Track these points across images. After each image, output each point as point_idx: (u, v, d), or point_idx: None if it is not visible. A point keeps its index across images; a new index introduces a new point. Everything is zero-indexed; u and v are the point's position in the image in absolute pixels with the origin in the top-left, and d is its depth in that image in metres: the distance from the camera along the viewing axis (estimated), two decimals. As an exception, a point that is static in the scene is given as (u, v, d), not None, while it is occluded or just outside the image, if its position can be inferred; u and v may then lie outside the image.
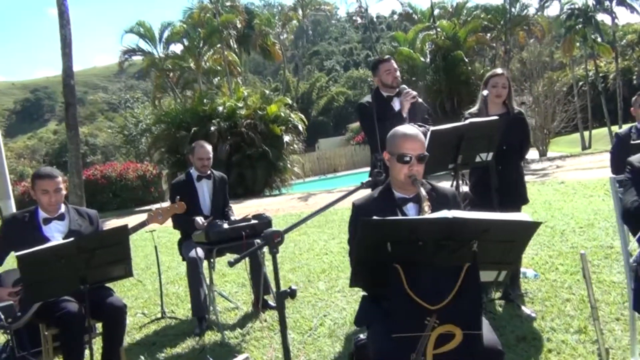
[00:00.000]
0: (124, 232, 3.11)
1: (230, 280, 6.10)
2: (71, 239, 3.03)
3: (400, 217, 2.10)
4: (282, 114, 20.06)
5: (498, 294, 4.36)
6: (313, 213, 2.16)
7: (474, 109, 4.46)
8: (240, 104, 20.07)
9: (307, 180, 27.10)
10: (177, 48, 24.70)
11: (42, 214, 3.59)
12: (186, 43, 23.82)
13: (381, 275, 1.97)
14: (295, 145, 20.96)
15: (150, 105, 34.14)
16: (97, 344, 3.76)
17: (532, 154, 22.44)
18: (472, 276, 1.93)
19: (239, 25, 24.13)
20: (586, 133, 31.09)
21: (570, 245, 5.65)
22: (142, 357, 4.08)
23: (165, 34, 23.53)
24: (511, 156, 4.31)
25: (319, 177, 30.97)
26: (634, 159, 2.88)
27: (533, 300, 4.26)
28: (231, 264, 2.03)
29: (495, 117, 3.88)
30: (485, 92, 4.22)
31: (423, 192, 2.43)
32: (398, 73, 4.66)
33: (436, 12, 21.81)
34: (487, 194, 4.16)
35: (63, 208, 3.65)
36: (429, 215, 1.98)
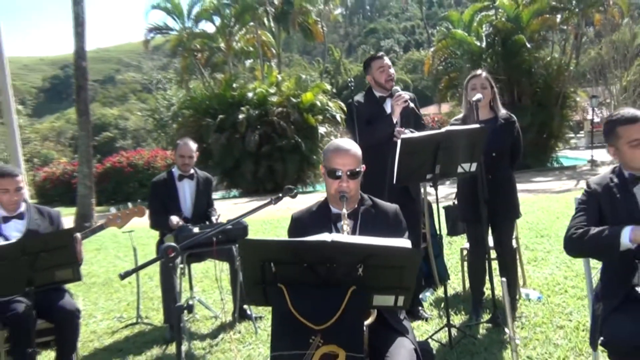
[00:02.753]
0: (68, 236, 3.46)
1: (224, 286, 6.44)
2: (14, 240, 3.40)
3: (278, 238, 2.34)
4: (319, 103, 20.37)
5: (487, 317, 4.53)
6: (216, 228, 2.42)
7: (460, 116, 4.61)
8: (272, 90, 20.51)
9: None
10: (207, 26, 25.34)
11: (2, 212, 3.99)
12: (217, 21, 24.42)
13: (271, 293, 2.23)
14: (332, 137, 21.26)
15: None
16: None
17: (604, 156, 21.95)
18: (358, 299, 2.17)
19: (276, 2, 24.56)
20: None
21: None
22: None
23: (195, 11, 24.22)
24: (502, 164, 4.45)
25: (363, 173, 30.94)
26: (593, 180, 3.00)
27: (524, 325, 4.40)
28: (122, 277, 2.33)
29: (476, 125, 4.03)
30: (478, 96, 4.34)
31: (344, 210, 2.67)
32: (392, 70, 4.85)
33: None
34: (477, 206, 4.33)
35: (23, 207, 4.04)
36: (310, 237, 2.21)
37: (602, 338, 2.68)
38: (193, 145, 5.33)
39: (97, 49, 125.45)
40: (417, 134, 4.04)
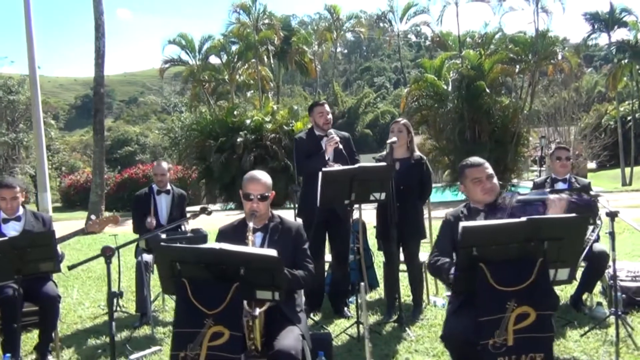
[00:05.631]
0: (49, 236, 3.88)
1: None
2: (5, 238, 3.83)
3: (179, 245, 2.80)
4: (307, 131, 20.90)
5: (395, 317, 4.94)
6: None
7: (383, 153, 5.07)
8: (267, 119, 21.06)
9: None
10: (215, 60, 25.98)
11: (2, 215, 4.44)
12: (224, 57, 25.08)
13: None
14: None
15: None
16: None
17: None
18: (242, 292, 2.61)
19: (276, 42, 25.22)
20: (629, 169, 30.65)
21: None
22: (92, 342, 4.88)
23: (205, 47, 24.89)
24: (409, 196, 4.88)
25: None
26: (448, 212, 3.43)
27: (423, 325, 4.81)
28: (69, 268, 2.77)
29: (383, 164, 4.50)
30: (392, 139, 4.83)
31: (251, 225, 3.12)
32: (330, 116, 5.31)
33: (468, 40, 22.21)
34: (388, 228, 4.78)
35: (21, 211, 4.48)
36: (205, 245, 2.66)
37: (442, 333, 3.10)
38: (165, 166, 5.80)
39: (124, 73, 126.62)
40: (335, 167, 4.51)
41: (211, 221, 4.79)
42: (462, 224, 2.45)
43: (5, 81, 36.06)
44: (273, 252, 2.60)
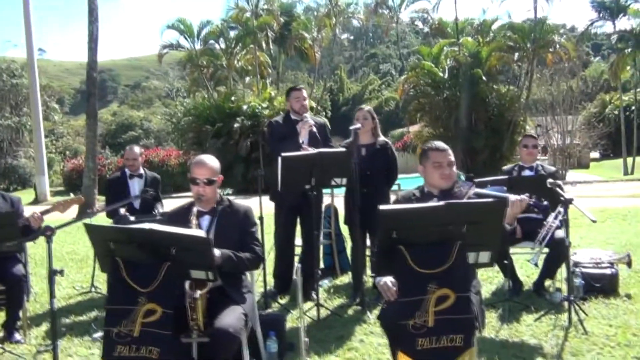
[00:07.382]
0: (12, 216, 4.00)
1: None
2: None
3: (115, 225, 2.88)
4: (304, 117, 20.93)
5: (358, 300, 5.02)
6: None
7: (349, 140, 5.13)
8: (264, 104, 21.08)
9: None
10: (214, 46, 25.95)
11: (-30, 197, 4.54)
12: (222, 43, 25.09)
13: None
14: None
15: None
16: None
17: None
18: (173, 271, 2.69)
19: (275, 28, 25.17)
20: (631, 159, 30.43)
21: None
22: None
23: (204, 32, 24.88)
24: (376, 181, 4.94)
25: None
26: (400, 193, 3.50)
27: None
28: (8, 247, 2.86)
29: (342, 149, 4.56)
30: (356, 125, 4.89)
31: (195, 209, 3.20)
32: (306, 102, 5.37)
33: (468, 28, 22.10)
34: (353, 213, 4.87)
35: (-10, 193, 4.60)
36: (136, 225, 2.74)
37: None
38: (137, 150, 5.87)
39: (129, 58, 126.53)
40: (294, 153, 4.58)
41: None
42: (380, 207, 2.51)
43: (9, 65, 36.15)
44: (201, 233, 2.68)
